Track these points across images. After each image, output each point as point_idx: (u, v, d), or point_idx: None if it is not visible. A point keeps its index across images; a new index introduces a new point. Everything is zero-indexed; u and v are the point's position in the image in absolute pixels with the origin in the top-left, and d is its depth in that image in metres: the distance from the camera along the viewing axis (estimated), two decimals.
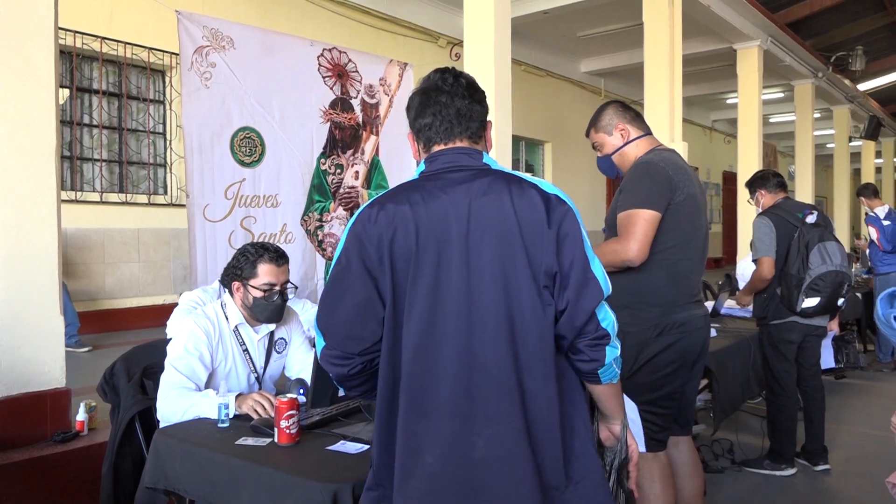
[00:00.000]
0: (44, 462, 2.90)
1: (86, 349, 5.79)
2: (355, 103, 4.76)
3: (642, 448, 2.24)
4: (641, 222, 2.22)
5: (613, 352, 1.41)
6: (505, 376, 1.32)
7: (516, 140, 10.84)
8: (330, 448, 1.86)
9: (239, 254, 2.51)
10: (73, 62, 6.73)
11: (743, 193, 9.59)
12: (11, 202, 3.02)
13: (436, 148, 1.47)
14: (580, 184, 12.85)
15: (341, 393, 2.10)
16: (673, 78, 7.08)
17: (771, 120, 16.65)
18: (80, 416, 3.14)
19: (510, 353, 1.32)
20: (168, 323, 3.09)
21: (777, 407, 3.66)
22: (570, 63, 12.68)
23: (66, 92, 6.70)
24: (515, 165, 9.19)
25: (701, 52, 10.31)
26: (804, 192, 11.82)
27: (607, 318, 1.39)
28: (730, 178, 17.55)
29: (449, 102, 1.46)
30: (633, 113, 2.52)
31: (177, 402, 2.25)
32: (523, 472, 1.31)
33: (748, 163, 9.44)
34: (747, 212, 9.44)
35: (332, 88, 4.61)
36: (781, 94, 14.10)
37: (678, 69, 7.15)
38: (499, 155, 5.08)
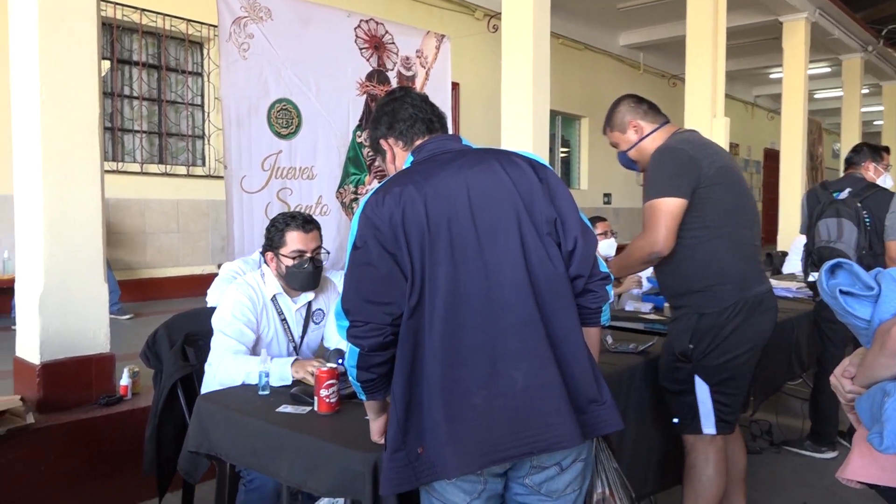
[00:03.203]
0: (89, 424, 3.00)
1: (128, 317, 5.93)
2: (391, 75, 4.73)
3: (712, 430, 2.31)
4: (661, 212, 2.25)
5: (610, 292, 1.62)
6: (528, 315, 1.46)
7: (552, 115, 10.71)
8: (367, 418, 1.88)
9: (269, 225, 2.54)
10: (113, 34, 6.80)
11: (783, 171, 9.38)
12: (57, 173, 3.07)
13: (418, 141, 1.65)
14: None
15: None
16: (716, 51, 6.89)
17: (816, 96, 16.13)
18: (124, 380, 3.23)
19: (530, 295, 1.47)
20: (208, 292, 3.14)
21: (819, 387, 3.61)
22: (609, 36, 12.43)
23: (107, 64, 6.78)
24: (551, 141, 9.06)
25: (745, 24, 10.01)
26: None
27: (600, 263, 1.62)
28: (771, 156, 17.11)
29: (420, 104, 1.68)
30: (646, 105, 2.50)
31: (235, 367, 2.29)
32: (559, 396, 1.45)
33: (792, 140, 9.20)
34: (789, 190, 9.22)
35: (368, 60, 4.59)
36: (828, 69, 13.64)
37: (722, 42, 6.95)
38: (535, 130, 5.01)
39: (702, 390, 2.31)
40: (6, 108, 3.23)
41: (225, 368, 2.34)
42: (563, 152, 12.32)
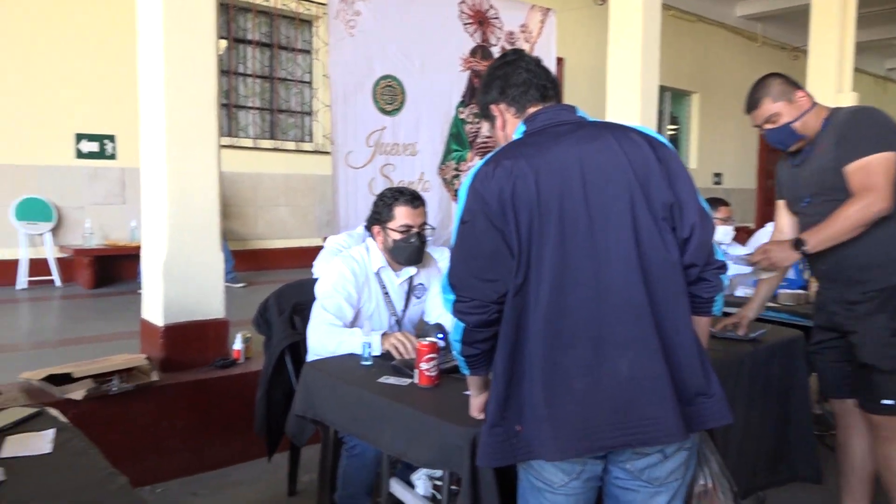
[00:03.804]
0: (206, 384, 3.19)
1: (241, 285, 6.25)
2: (495, 51, 4.69)
3: None
4: (882, 167, 2.12)
5: (725, 280, 1.54)
6: (637, 303, 1.41)
7: (661, 90, 10.33)
8: (467, 393, 1.90)
9: (377, 199, 2.59)
10: (229, 14, 7.10)
11: None
12: (178, 148, 3.26)
13: (531, 109, 1.58)
14: (729, 139, 12.08)
15: None
16: (845, 20, 6.40)
17: None
18: (237, 345, 3.42)
19: (640, 281, 1.41)
20: (314, 264, 3.25)
21: None
22: (725, 6, 11.77)
23: (224, 43, 7.09)
24: (660, 117, 8.75)
25: None
26: None
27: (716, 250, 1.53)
28: None
29: (534, 69, 1.59)
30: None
31: (327, 338, 2.38)
32: (665, 388, 1.39)
33: None
34: None
35: (472, 36, 4.57)
36: None
37: (851, 10, 6.44)
38: (644, 106, 4.85)
39: None
40: (136, 90, 3.44)
41: (318, 338, 2.42)
42: (671, 130, 11.85)
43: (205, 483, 3.04)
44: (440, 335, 2.24)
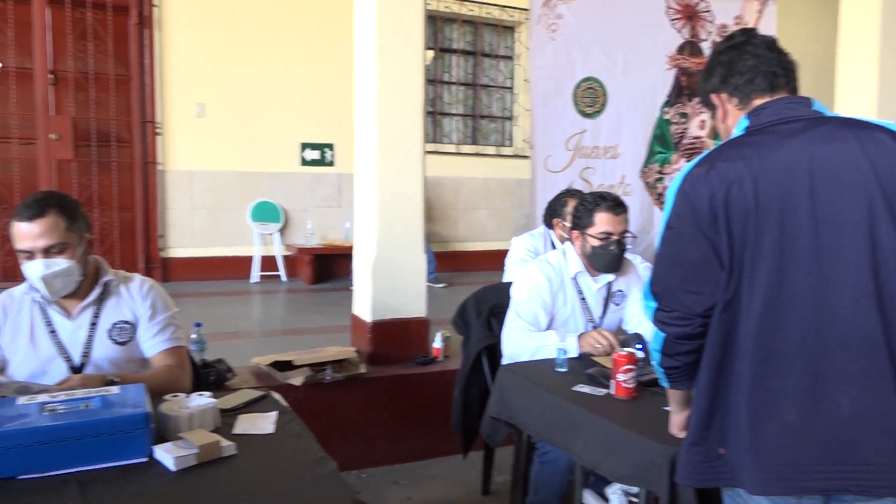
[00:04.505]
0: (407, 380, 3.36)
1: (442, 285, 6.50)
2: (705, 46, 4.43)
3: None
4: None
5: None
6: (869, 333, 1.23)
7: None
8: (667, 408, 1.81)
9: (578, 202, 2.55)
10: (436, 25, 7.43)
11: None
12: (387, 155, 3.47)
13: (756, 102, 1.40)
14: None
15: None
16: None
17: None
18: (437, 343, 3.56)
19: (875, 309, 1.23)
20: (506, 267, 3.32)
21: None
22: None
23: (431, 53, 7.44)
24: None
25: None
26: None
27: None
28: None
29: (765, 54, 1.40)
30: None
31: (522, 345, 2.40)
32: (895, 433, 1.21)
33: None
34: None
35: (680, 32, 4.36)
36: None
37: None
38: (881, 103, 4.29)
39: None
40: (352, 102, 3.72)
41: (514, 344, 2.44)
42: None
43: (405, 473, 3.20)
44: (639, 345, 2.15)
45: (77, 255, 1.82)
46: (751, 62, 1.40)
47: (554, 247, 3.39)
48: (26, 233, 1.76)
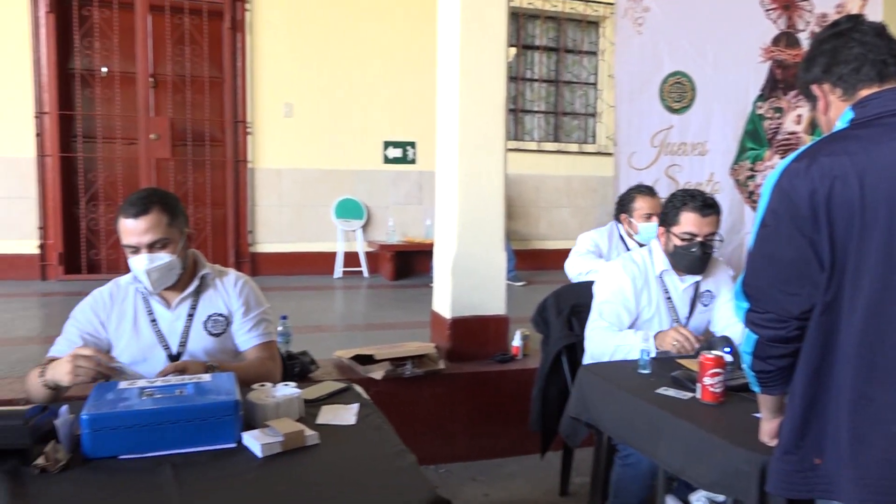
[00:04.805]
0: (486, 377, 3.36)
1: (521, 283, 6.46)
2: (803, 37, 4.21)
3: None
4: None
5: None
6: None
7: None
8: (757, 415, 1.73)
9: (668, 199, 2.49)
10: (519, 22, 7.38)
11: None
12: (468, 152, 3.48)
13: (863, 92, 1.31)
14: None
15: None
16: None
17: None
18: (516, 341, 3.54)
19: None
20: (569, 263, 3.34)
21: None
22: None
23: (513, 50, 7.40)
24: None
25: None
26: None
27: None
28: None
29: (873, 41, 1.32)
30: None
31: (605, 345, 2.36)
32: None
33: None
34: None
35: (775, 22, 4.17)
36: None
37: None
38: None
39: None
40: (433, 100, 3.75)
41: (596, 344, 2.40)
42: None
43: (482, 470, 3.21)
44: (727, 349, 2.07)
45: (178, 250, 1.92)
46: (857, 50, 1.32)
47: (623, 242, 3.33)
48: (132, 229, 1.86)
